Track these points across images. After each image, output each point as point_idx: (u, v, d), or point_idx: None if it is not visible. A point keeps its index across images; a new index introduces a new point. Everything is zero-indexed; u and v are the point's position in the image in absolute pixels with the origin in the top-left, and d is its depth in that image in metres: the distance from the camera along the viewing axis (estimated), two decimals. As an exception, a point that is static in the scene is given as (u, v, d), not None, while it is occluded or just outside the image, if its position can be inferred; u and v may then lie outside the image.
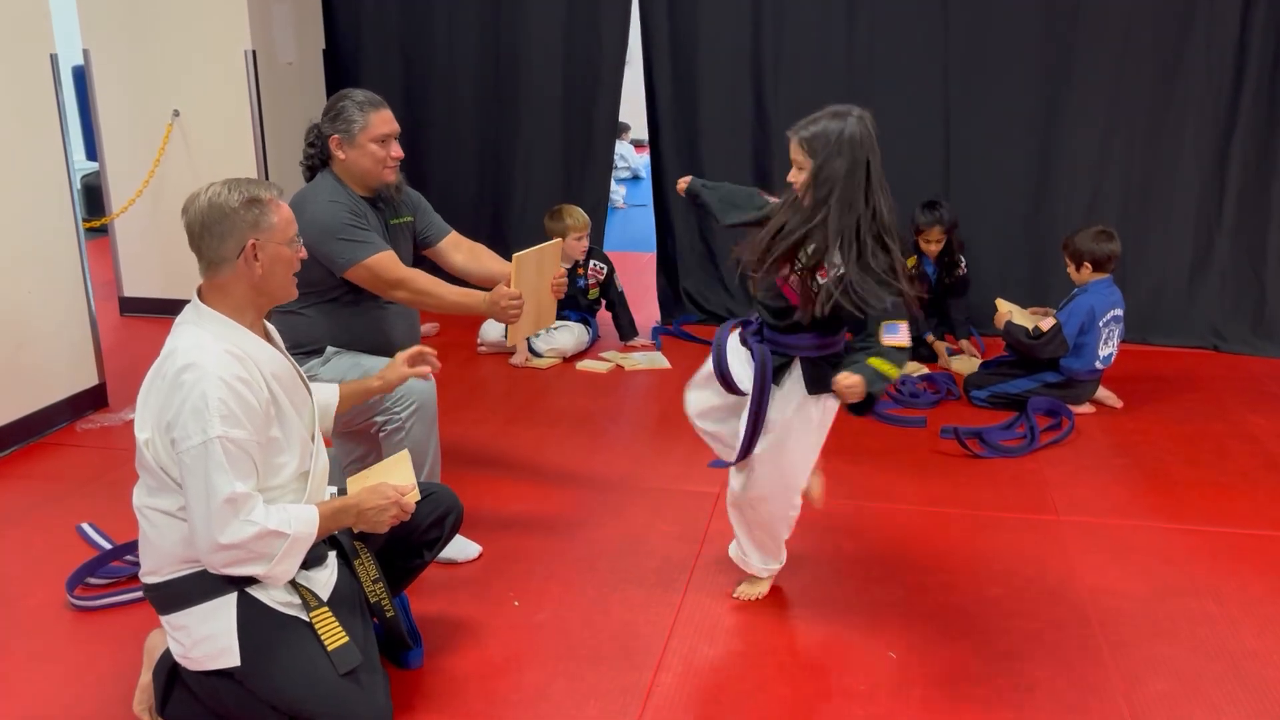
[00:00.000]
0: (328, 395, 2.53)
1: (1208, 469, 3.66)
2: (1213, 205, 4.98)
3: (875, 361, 2.41)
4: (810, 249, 2.44)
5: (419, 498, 2.31)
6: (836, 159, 2.38)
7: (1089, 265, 4.11)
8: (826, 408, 2.60)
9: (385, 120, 3.01)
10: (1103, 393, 4.25)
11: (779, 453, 2.60)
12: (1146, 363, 4.79)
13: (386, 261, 2.92)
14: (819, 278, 2.43)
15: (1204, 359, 4.87)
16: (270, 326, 2.28)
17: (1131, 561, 3.02)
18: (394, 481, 2.29)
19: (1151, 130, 4.96)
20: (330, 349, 2.98)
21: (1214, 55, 4.81)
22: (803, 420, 2.58)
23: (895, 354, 2.43)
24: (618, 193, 10.05)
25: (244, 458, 2.03)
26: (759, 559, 2.79)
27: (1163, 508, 3.36)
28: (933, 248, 4.75)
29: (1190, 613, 2.74)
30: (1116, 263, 4.16)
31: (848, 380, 2.37)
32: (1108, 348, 4.12)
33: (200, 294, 2.16)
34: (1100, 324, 4.07)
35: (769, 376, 2.56)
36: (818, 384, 2.53)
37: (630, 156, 10.56)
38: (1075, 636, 2.64)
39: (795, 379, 2.57)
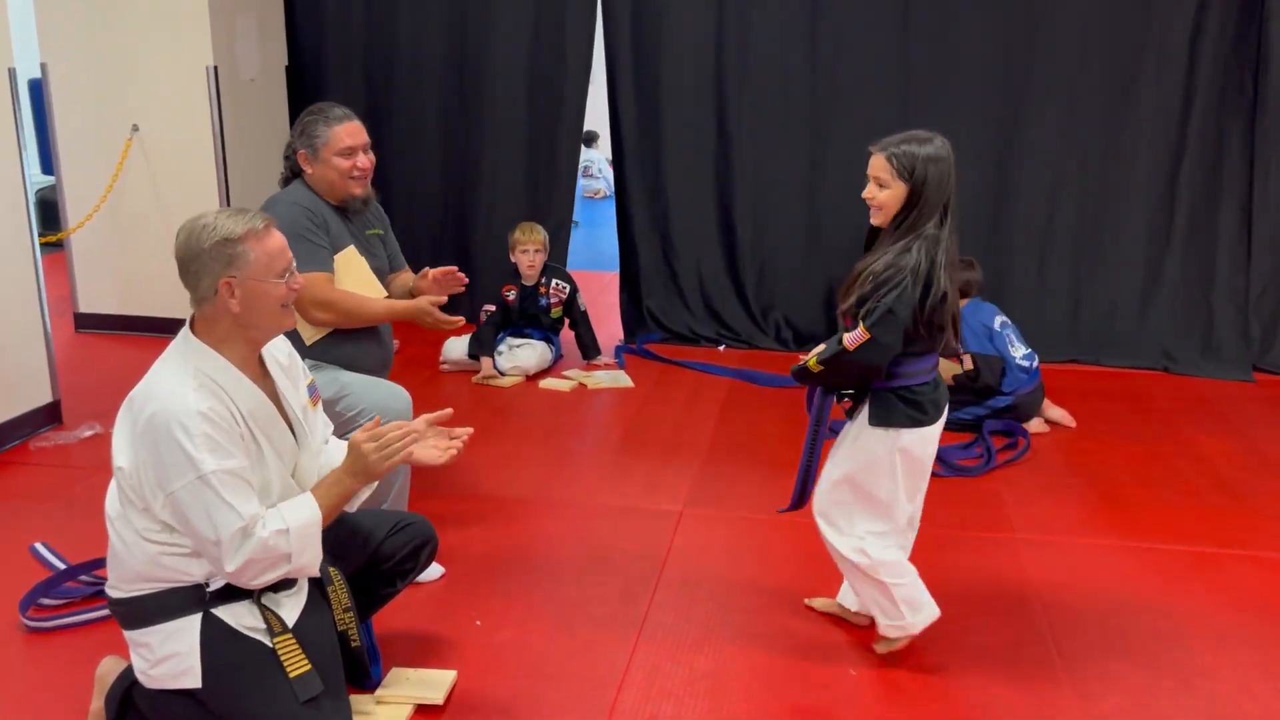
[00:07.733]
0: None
1: (1159, 488, 3.73)
2: (1162, 231, 5.11)
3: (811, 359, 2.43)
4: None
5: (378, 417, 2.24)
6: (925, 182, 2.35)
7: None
8: (895, 446, 2.45)
9: (350, 132, 3.00)
10: (1058, 412, 4.32)
11: (837, 491, 2.55)
12: (1099, 383, 4.89)
13: (319, 280, 2.91)
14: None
15: (1155, 380, 4.98)
16: (270, 359, 2.23)
17: (1086, 579, 3.07)
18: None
19: (1104, 157, 5.08)
20: (309, 361, 2.96)
21: (1164, 85, 4.95)
22: (862, 455, 2.48)
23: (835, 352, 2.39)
24: (601, 175, 10.28)
25: (240, 484, 2.02)
26: (879, 617, 2.61)
27: (1116, 526, 3.43)
28: None
29: (1142, 629, 2.80)
30: (979, 289, 4.30)
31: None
32: (1018, 350, 4.21)
33: (191, 322, 2.13)
34: (996, 329, 4.19)
35: (823, 419, 2.50)
36: (879, 416, 2.44)
37: (604, 168, 10.68)
38: (1031, 653, 2.68)
39: (862, 417, 2.48)
